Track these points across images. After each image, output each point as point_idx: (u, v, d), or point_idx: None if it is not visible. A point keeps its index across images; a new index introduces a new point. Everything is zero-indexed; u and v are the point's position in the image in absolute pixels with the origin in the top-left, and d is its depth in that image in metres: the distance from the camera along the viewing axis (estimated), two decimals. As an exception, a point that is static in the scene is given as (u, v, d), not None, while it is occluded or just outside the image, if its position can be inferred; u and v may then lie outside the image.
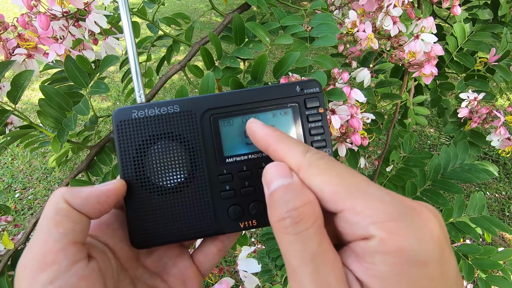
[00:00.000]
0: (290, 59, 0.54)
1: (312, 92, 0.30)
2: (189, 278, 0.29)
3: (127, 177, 0.27)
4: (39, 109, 0.50)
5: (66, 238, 0.21)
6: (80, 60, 0.47)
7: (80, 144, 0.56)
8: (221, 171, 0.28)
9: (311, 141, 0.29)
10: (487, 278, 0.61)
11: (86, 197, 0.23)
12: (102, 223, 0.27)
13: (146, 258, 0.29)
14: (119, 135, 0.27)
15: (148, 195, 0.27)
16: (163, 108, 0.28)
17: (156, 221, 0.28)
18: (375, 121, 0.68)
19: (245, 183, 0.28)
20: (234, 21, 0.60)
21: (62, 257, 0.21)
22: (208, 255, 0.30)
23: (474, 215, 0.67)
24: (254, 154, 0.29)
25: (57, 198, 0.23)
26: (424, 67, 0.60)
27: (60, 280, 0.20)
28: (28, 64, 0.53)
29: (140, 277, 0.27)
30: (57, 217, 0.22)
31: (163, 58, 0.71)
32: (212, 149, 0.28)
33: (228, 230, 0.28)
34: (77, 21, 0.58)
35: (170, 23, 0.64)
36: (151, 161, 0.27)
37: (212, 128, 0.28)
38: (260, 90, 0.29)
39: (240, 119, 0.29)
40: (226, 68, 0.61)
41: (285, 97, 0.29)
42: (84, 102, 0.47)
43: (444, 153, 0.69)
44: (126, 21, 0.31)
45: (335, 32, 0.59)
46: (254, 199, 0.28)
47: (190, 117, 0.28)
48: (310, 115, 0.29)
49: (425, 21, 0.64)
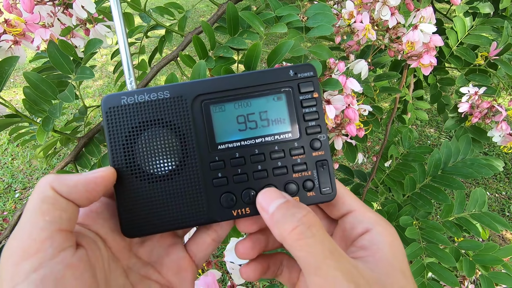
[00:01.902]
0: (285, 47, 0.53)
1: (306, 76, 0.29)
2: (183, 268, 0.28)
3: (117, 164, 0.27)
4: (24, 98, 0.48)
5: (53, 226, 0.21)
6: (63, 45, 0.45)
7: (68, 135, 0.55)
8: (213, 158, 0.28)
9: (306, 127, 0.29)
10: (490, 275, 0.59)
11: (74, 184, 0.23)
12: (92, 211, 0.26)
13: (138, 248, 0.28)
14: (108, 122, 0.27)
15: (138, 183, 0.27)
16: (153, 94, 0.27)
17: (147, 210, 0.27)
18: (372, 114, 0.66)
19: (237, 170, 0.28)
20: (228, 10, 0.58)
21: (47, 245, 0.20)
22: (202, 245, 0.29)
23: (474, 211, 0.65)
24: (247, 141, 0.28)
25: (43, 186, 0.22)
26: (422, 57, 0.58)
27: (44, 268, 0.20)
28: (15, 51, 0.52)
29: (132, 267, 0.27)
30: (43, 205, 0.21)
31: (155, 50, 0.69)
32: (203, 136, 0.28)
33: (221, 219, 0.28)
34: (67, 8, 0.56)
35: (163, 13, 0.63)
36: (141, 148, 0.27)
37: (203, 114, 0.28)
38: (253, 75, 0.28)
39: (232, 104, 0.28)
40: (220, 58, 0.59)
41: (279, 81, 0.29)
42: (69, 89, 0.45)
43: (445, 148, 0.67)
44: None
45: (331, 22, 0.57)
46: (247, 187, 0.28)
47: (180, 103, 0.28)
48: (304, 100, 0.29)
49: (424, 11, 0.63)
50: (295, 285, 0.29)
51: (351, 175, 0.85)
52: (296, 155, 0.28)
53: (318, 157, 0.29)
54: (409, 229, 0.63)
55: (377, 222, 0.26)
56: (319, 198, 0.28)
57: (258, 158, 0.28)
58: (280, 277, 0.30)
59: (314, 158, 0.28)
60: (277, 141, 0.28)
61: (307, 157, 0.28)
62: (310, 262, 0.22)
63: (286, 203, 0.24)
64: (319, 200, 0.28)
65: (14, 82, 3.11)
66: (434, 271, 0.61)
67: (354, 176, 0.85)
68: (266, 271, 0.30)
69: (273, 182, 0.28)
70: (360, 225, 0.27)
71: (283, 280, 0.30)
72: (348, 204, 0.28)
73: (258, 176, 0.28)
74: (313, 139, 0.29)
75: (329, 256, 0.22)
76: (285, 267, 0.30)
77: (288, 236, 0.23)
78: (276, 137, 0.28)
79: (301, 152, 0.28)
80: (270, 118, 0.29)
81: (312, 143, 0.29)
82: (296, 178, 0.28)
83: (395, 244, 0.25)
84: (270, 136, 0.28)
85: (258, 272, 0.29)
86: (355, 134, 0.48)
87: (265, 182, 0.28)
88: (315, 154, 0.29)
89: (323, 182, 0.28)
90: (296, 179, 0.28)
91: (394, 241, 0.25)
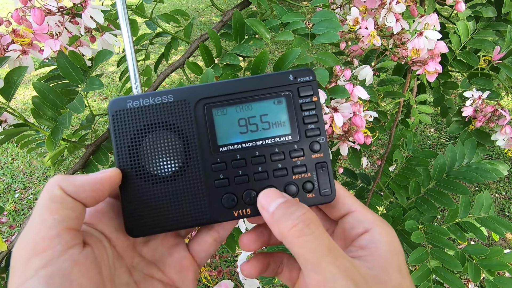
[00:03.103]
0: (291, 56, 0.53)
1: (306, 81, 0.30)
2: (185, 267, 0.29)
3: (122, 166, 0.27)
4: (33, 107, 0.49)
5: (61, 225, 0.21)
6: (73, 55, 0.45)
7: (76, 143, 0.55)
8: (215, 159, 0.28)
9: (305, 130, 0.29)
10: (495, 280, 0.59)
11: (81, 184, 0.23)
12: (98, 211, 0.27)
13: (142, 247, 0.29)
14: (114, 125, 0.28)
15: (142, 184, 0.28)
16: (157, 98, 0.28)
17: (151, 210, 0.28)
18: (377, 119, 0.66)
19: (238, 171, 0.28)
20: (234, 18, 0.58)
21: (56, 243, 0.21)
22: (204, 245, 0.30)
23: (480, 215, 0.65)
24: (248, 143, 0.29)
25: (52, 185, 0.23)
26: (428, 64, 0.59)
27: (53, 265, 0.20)
28: (23, 61, 0.52)
29: (136, 265, 0.28)
30: (52, 204, 0.22)
31: (161, 56, 0.70)
32: (206, 138, 0.28)
33: (222, 219, 0.28)
34: (74, 17, 0.56)
35: (168, 20, 0.63)
36: (146, 150, 0.28)
37: (206, 117, 0.29)
38: (253, 79, 0.29)
39: (234, 108, 0.29)
40: (226, 65, 0.59)
41: (279, 85, 0.29)
42: (79, 99, 0.45)
43: (450, 152, 0.67)
44: (120, 4, 0.31)
45: (337, 29, 0.57)
46: (248, 188, 0.28)
47: (184, 106, 0.28)
48: (303, 104, 0.29)
49: (429, 17, 0.63)
50: (295, 284, 0.30)
51: (355, 178, 0.86)
52: (296, 157, 0.29)
53: (317, 159, 0.29)
54: (414, 233, 0.63)
55: (376, 223, 0.27)
56: (318, 200, 0.29)
57: (258, 160, 0.29)
58: (280, 276, 0.31)
59: (313, 160, 0.29)
60: (277, 143, 0.29)
61: (307, 159, 0.29)
62: (309, 259, 0.22)
63: (286, 202, 0.25)
64: (319, 202, 0.29)
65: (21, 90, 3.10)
66: (440, 274, 0.61)
67: (358, 180, 0.86)
68: (266, 268, 0.30)
69: (273, 183, 0.29)
70: (359, 225, 0.27)
71: (283, 278, 0.31)
72: (348, 205, 0.29)
73: (259, 177, 0.29)
74: (312, 142, 0.29)
75: (328, 253, 0.22)
76: (285, 266, 0.31)
77: (288, 233, 0.23)
78: (276, 140, 0.29)
79: (300, 154, 0.29)
80: (270, 121, 0.29)
81: (312, 145, 0.29)
82: (296, 179, 0.29)
83: (393, 243, 0.26)
84: (271, 138, 0.29)
85: (258, 269, 0.30)
86: (363, 142, 0.48)
87: (266, 183, 0.29)
88: (314, 156, 0.29)
89: (323, 183, 0.29)
90: (296, 180, 0.29)
91: (392, 240, 0.26)
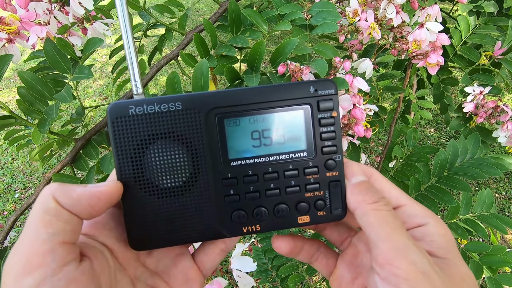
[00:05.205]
0: (289, 46, 0.51)
1: (327, 94, 0.28)
2: (190, 278, 0.28)
3: (124, 177, 0.25)
4: (19, 98, 0.47)
5: (55, 239, 0.20)
6: (61, 43, 0.43)
7: (64, 136, 0.53)
8: (225, 174, 0.27)
9: (322, 146, 0.28)
10: (498, 278, 0.58)
11: (77, 197, 0.22)
12: (97, 222, 0.25)
13: (146, 257, 0.28)
14: (115, 133, 0.25)
15: (147, 197, 0.26)
16: (164, 105, 0.26)
17: (156, 224, 0.26)
18: (377, 114, 0.65)
19: (250, 188, 0.27)
20: (230, 8, 0.57)
21: (50, 259, 0.20)
22: (210, 255, 0.29)
23: (481, 212, 0.64)
24: (260, 158, 0.27)
25: (46, 196, 0.21)
26: (429, 56, 0.57)
27: (47, 284, 0.19)
28: (9, 50, 0.50)
29: (139, 276, 0.27)
30: (46, 217, 0.20)
31: (155, 49, 0.68)
32: (216, 151, 0.27)
33: (231, 235, 0.27)
34: (63, 6, 0.54)
35: (162, 11, 0.61)
36: (151, 162, 0.26)
37: (217, 128, 0.26)
38: (270, 89, 0.27)
39: (247, 119, 0.27)
40: (221, 57, 0.57)
41: (298, 97, 0.27)
42: (67, 89, 0.43)
43: (452, 148, 0.65)
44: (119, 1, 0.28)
45: (336, 19, 0.56)
46: (259, 205, 0.27)
47: (193, 116, 0.26)
48: (322, 118, 0.28)
49: (430, 9, 0.61)
50: (331, 273, 0.30)
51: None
52: (310, 174, 0.28)
53: (331, 177, 0.28)
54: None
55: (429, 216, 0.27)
56: (328, 218, 0.28)
57: (271, 176, 0.27)
58: (315, 263, 0.31)
59: (327, 178, 0.28)
60: (292, 159, 0.28)
61: (321, 177, 0.28)
62: (382, 229, 0.24)
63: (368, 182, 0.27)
64: (329, 220, 0.28)
65: (14, 82, 3.07)
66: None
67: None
68: (299, 251, 0.30)
69: (285, 201, 0.28)
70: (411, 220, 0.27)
71: (319, 267, 0.31)
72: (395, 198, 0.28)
73: (270, 194, 0.27)
74: (328, 159, 0.28)
75: (401, 229, 0.24)
76: (322, 254, 0.31)
77: (367, 205, 0.25)
78: (291, 156, 0.28)
79: (315, 171, 0.28)
80: (285, 135, 0.28)
81: (327, 163, 0.28)
82: (308, 197, 0.28)
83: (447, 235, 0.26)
84: (285, 154, 0.27)
85: (289, 247, 0.30)
86: (363, 135, 0.47)
87: (277, 200, 0.27)
88: (329, 175, 0.28)
89: (335, 202, 0.28)
90: (308, 198, 0.28)
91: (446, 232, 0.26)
